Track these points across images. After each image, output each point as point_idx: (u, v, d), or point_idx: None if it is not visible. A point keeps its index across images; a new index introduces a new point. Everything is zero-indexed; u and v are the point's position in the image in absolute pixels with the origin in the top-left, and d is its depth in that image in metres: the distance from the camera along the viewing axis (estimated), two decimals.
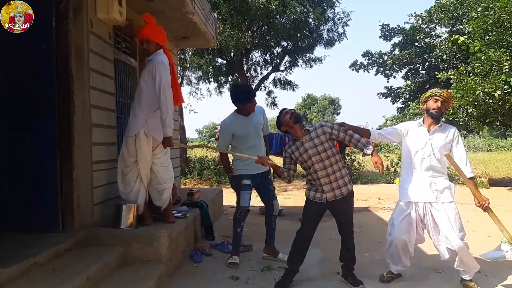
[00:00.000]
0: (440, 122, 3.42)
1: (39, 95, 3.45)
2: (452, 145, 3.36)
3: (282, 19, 12.21)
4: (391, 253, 3.52)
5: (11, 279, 2.55)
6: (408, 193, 3.39)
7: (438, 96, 3.38)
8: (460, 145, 3.37)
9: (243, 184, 4.03)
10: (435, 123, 3.39)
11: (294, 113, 3.37)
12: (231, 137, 4.05)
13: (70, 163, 3.46)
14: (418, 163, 3.38)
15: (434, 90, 3.46)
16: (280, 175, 3.41)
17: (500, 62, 7.43)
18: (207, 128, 45.34)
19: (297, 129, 3.35)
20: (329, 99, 52.75)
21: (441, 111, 3.41)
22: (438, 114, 3.38)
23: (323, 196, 3.31)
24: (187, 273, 3.74)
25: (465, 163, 3.31)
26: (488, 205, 3.21)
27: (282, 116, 3.41)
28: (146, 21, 3.67)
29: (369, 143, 3.31)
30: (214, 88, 15.33)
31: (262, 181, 4.13)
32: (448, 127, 3.43)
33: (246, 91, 4.19)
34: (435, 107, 3.37)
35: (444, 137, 3.36)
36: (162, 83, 3.50)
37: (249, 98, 4.01)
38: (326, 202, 3.32)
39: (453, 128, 3.44)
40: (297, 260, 3.44)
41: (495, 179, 11.58)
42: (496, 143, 35.17)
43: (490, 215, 3.23)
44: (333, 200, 3.32)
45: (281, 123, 3.42)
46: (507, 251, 3.13)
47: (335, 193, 3.31)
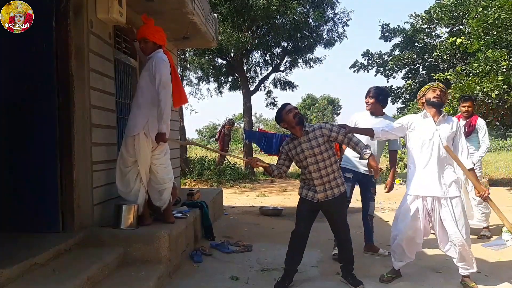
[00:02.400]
0: (440, 111, 3.43)
1: (39, 95, 3.45)
2: (455, 136, 3.39)
3: (282, 19, 12.20)
4: (394, 249, 3.52)
5: (11, 279, 2.55)
6: (417, 186, 3.39)
7: (435, 87, 3.45)
8: (462, 137, 3.43)
9: (344, 176, 4.11)
10: (438, 113, 3.41)
11: (298, 114, 3.36)
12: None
13: (70, 163, 3.46)
14: (427, 154, 3.36)
15: (430, 83, 3.54)
16: (270, 174, 3.43)
17: (499, 62, 7.44)
18: (207, 128, 45.29)
19: (297, 129, 3.36)
20: (329, 99, 52.72)
21: (442, 100, 3.43)
22: (439, 102, 3.41)
23: (315, 196, 3.33)
24: (187, 273, 3.74)
25: (467, 154, 3.36)
26: (488, 195, 3.24)
27: (285, 113, 3.38)
28: (143, 21, 3.71)
29: (367, 147, 3.34)
30: (214, 88, 15.35)
31: (365, 180, 4.29)
32: (450, 118, 3.48)
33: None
34: (435, 95, 3.41)
35: (449, 127, 3.38)
36: (162, 79, 3.50)
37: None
38: (317, 202, 3.33)
39: (455, 119, 3.48)
40: (295, 259, 3.45)
41: (495, 179, 11.58)
42: (496, 143, 35.15)
43: (491, 205, 3.28)
44: (325, 201, 3.33)
45: (282, 119, 3.40)
46: (508, 240, 3.18)
47: (327, 194, 3.32)
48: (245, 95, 13.74)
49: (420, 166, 3.39)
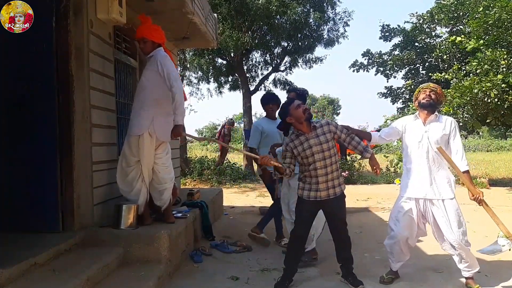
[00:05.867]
0: (434, 112, 3.39)
1: (39, 95, 3.45)
2: (449, 137, 3.34)
3: (282, 19, 12.20)
4: (391, 250, 3.51)
5: (11, 279, 2.55)
6: (408, 188, 3.39)
7: (425, 88, 3.44)
8: (457, 138, 3.36)
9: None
10: (429, 114, 3.38)
11: (308, 109, 3.33)
12: (260, 134, 4.61)
13: (70, 163, 3.46)
14: (417, 156, 3.37)
15: (421, 85, 3.53)
16: (283, 173, 3.39)
17: (498, 61, 7.44)
18: (207, 128, 45.30)
19: (304, 125, 3.32)
20: (329, 99, 52.76)
21: (432, 100, 3.38)
22: (428, 103, 3.37)
23: (317, 194, 3.32)
24: (187, 273, 3.74)
25: (461, 156, 3.30)
26: (482, 198, 3.18)
27: (293, 109, 3.30)
28: (141, 21, 3.72)
29: (368, 147, 3.39)
30: (214, 88, 15.36)
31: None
32: (444, 118, 3.41)
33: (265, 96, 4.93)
34: (424, 96, 3.40)
35: (441, 127, 3.34)
36: (171, 73, 3.52)
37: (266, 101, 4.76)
38: (320, 200, 3.33)
39: (450, 119, 3.41)
40: (294, 260, 3.44)
41: (495, 180, 11.57)
42: (496, 143, 35.14)
43: (485, 208, 3.21)
44: (327, 199, 3.33)
45: (290, 114, 3.31)
46: (504, 245, 3.14)
47: (329, 192, 3.32)
48: (245, 95, 13.74)
49: (412, 168, 3.40)
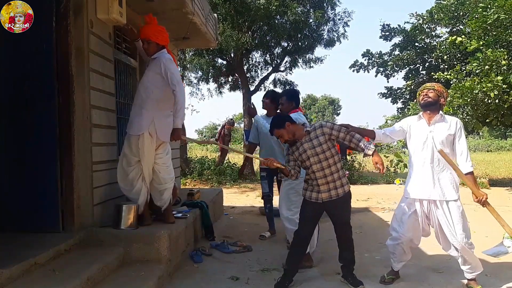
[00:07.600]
0: (438, 111, 3.35)
1: (39, 95, 3.45)
2: (454, 138, 3.29)
3: (282, 19, 12.20)
4: (393, 250, 3.50)
5: (11, 279, 2.55)
6: (412, 189, 3.36)
7: (423, 89, 3.44)
8: (463, 138, 3.30)
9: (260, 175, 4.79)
10: (433, 114, 3.34)
11: (288, 140, 3.39)
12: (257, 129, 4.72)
13: (70, 163, 3.46)
14: (422, 156, 3.32)
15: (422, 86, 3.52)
16: (287, 175, 3.41)
17: (498, 61, 7.44)
18: (207, 128, 45.32)
19: (296, 135, 3.38)
20: (329, 99, 52.80)
21: (430, 98, 3.34)
22: (426, 102, 3.35)
23: (319, 196, 3.33)
24: (187, 273, 3.74)
25: (466, 157, 3.24)
26: (486, 199, 3.13)
27: (275, 133, 3.42)
28: (147, 21, 3.70)
29: (370, 144, 3.30)
30: (215, 88, 15.36)
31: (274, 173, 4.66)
32: (450, 118, 3.36)
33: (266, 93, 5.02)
34: (423, 95, 3.39)
35: (446, 127, 3.29)
36: (175, 77, 3.57)
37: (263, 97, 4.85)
38: (322, 202, 3.33)
39: (455, 119, 3.35)
40: (296, 260, 3.45)
41: (495, 180, 11.58)
42: (496, 143, 35.19)
43: (490, 210, 3.16)
44: (329, 201, 3.33)
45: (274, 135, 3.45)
46: (509, 247, 3.10)
47: (330, 194, 3.32)
48: (245, 95, 13.75)
49: (416, 168, 3.36)
